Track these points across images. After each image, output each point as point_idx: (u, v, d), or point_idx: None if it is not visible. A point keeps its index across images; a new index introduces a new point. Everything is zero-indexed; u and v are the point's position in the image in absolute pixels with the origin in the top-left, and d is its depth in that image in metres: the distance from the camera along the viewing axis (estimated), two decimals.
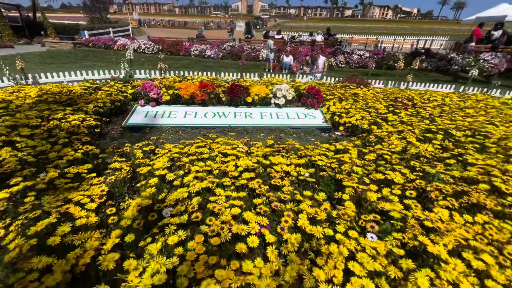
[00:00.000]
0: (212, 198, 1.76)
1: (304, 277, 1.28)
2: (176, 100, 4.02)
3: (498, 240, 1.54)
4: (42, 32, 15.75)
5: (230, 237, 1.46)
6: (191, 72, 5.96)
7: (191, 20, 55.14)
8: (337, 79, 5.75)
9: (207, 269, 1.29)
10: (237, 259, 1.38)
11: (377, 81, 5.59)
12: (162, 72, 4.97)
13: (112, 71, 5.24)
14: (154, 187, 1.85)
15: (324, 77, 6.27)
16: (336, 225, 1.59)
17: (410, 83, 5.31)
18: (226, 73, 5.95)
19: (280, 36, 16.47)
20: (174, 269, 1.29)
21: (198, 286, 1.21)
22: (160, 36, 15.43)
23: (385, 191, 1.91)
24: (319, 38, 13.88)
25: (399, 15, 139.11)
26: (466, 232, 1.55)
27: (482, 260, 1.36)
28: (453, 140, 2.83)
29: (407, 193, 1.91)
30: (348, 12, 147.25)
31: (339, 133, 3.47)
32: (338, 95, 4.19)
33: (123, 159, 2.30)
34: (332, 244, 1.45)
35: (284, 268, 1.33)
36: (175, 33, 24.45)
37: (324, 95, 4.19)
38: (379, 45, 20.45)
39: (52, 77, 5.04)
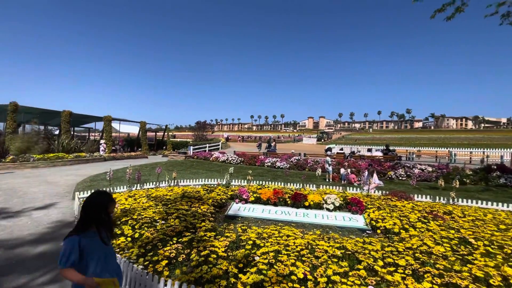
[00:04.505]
0: (280, 255, 3.25)
1: None
2: (257, 200, 6.05)
3: None
4: (164, 147, 23.45)
5: (288, 272, 2.87)
6: (263, 182, 8.27)
7: (265, 135, 67.12)
8: (385, 192, 6.89)
9: (278, 282, 2.72)
10: (291, 283, 2.75)
11: (420, 196, 6.42)
12: (249, 181, 7.40)
13: (218, 179, 8.08)
14: (250, 245, 3.52)
15: (376, 190, 7.44)
16: (349, 278, 2.78)
17: (455, 199, 5.94)
18: (292, 183, 7.97)
19: (341, 151, 18.89)
20: (262, 280, 2.77)
21: None
22: (243, 151, 20.12)
23: (391, 268, 2.98)
24: (377, 153, 15.44)
25: (483, 125, 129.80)
26: None
27: None
28: (469, 246, 3.56)
29: (406, 271, 2.92)
30: (418, 124, 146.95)
31: (371, 232, 4.51)
32: (377, 205, 5.39)
33: (231, 231, 4.14)
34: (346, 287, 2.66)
35: None
36: (253, 146, 30.62)
37: (366, 205, 5.45)
38: (452, 158, 19.84)
39: (186, 181, 8.17)
